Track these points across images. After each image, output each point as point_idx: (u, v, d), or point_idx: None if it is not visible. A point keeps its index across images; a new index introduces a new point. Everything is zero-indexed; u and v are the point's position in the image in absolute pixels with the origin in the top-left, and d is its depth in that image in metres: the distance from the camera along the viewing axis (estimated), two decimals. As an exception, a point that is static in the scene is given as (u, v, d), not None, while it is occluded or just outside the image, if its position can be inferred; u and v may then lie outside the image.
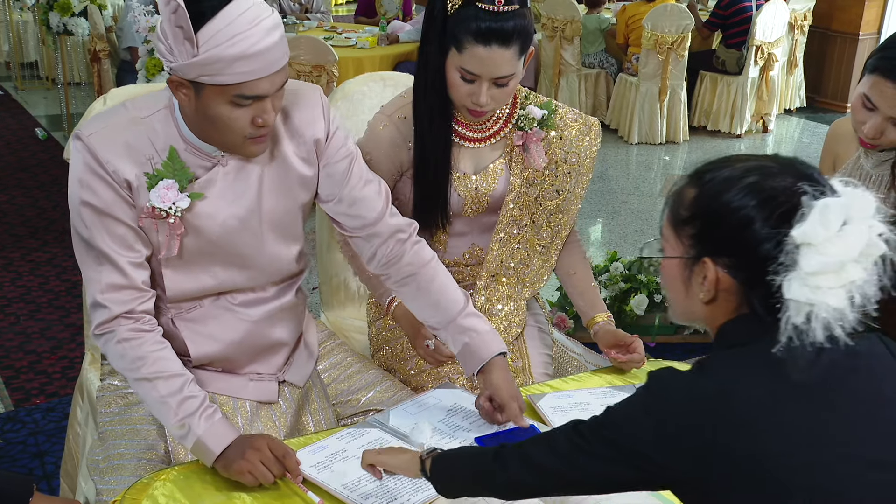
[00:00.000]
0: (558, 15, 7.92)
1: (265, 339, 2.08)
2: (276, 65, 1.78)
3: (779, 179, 1.34)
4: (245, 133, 1.83)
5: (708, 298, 1.40)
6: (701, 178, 1.42)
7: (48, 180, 6.36)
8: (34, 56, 9.28)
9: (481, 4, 2.01)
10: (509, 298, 2.37)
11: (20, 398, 3.66)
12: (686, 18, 7.35)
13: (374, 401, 2.21)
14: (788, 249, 1.28)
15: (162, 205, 1.85)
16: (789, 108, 8.60)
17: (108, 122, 1.87)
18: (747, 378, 1.31)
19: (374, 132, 2.27)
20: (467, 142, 2.28)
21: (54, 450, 3.28)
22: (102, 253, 1.88)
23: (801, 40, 8.29)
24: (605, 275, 4.20)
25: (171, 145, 1.88)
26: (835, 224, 1.26)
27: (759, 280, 1.32)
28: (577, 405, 2.03)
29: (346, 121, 2.72)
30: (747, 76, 7.70)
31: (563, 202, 2.34)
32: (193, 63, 1.72)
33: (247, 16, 1.73)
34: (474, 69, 2.06)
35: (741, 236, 1.33)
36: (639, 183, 6.87)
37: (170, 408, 1.84)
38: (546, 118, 2.27)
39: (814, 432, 1.29)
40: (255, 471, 1.74)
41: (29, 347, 4.07)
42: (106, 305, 1.88)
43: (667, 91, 7.57)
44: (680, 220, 1.44)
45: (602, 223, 6.09)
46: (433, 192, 2.26)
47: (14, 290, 4.67)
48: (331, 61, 5.67)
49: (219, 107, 1.79)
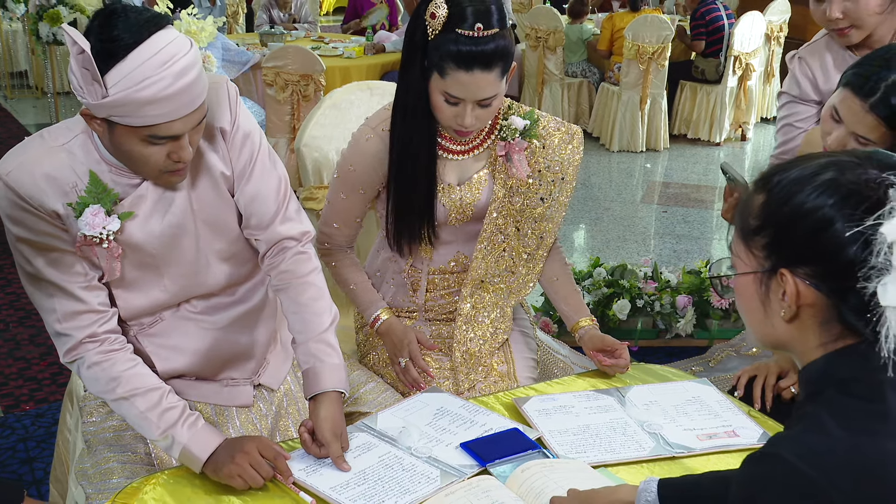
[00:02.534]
0: (541, 25, 7.95)
1: (234, 345, 2.06)
2: (190, 106, 1.70)
3: (859, 172, 1.18)
4: (160, 167, 1.77)
5: (789, 316, 1.24)
6: (769, 182, 1.26)
7: (38, 188, 6.30)
8: (24, 65, 9.26)
9: (461, 31, 1.98)
10: (495, 305, 2.37)
11: (10, 404, 3.63)
12: (666, 29, 7.39)
13: (360, 401, 2.20)
14: (880, 249, 1.12)
15: (92, 232, 1.78)
16: (766, 116, 8.65)
17: (24, 158, 1.79)
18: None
19: (358, 144, 2.25)
20: (451, 154, 2.26)
21: (44, 455, 3.25)
22: (51, 283, 1.84)
23: (778, 51, 8.35)
24: (589, 280, 4.21)
25: (91, 170, 1.80)
26: None
27: (850, 289, 1.17)
28: (562, 408, 2.03)
29: (333, 129, 2.72)
30: (726, 85, 7.74)
31: (548, 210, 2.33)
32: (103, 104, 1.65)
33: (159, 57, 1.64)
34: (458, 93, 2.04)
35: (821, 240, 1.18)
36: (620, 190, 6.89)
37: (151, 422, 1.82)
38: (528, 128, 2.25)
39: None
40: (244, 474, 1.72)
41: (18, 354, 4.05)
42: (67, 334, 1.86)
43: (647, 100, 7.60)
44: (750, 231, 1.28)
45: (585, 229, 6.10)
46: (419, 207, 2.23)
47: (3, 297, 4.65)
48: (318, 71, 5.67)
49: (132, 144, 1.72)
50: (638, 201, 6.62)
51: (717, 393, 2.12)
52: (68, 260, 1.83)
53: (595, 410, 2.02)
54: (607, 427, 1.96)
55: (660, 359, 3.96)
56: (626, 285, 4.15)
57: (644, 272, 4.29)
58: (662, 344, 4.20)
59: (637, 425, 1.97)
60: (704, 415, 2.02)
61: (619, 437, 1.93)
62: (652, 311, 4.15)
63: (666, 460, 1.88)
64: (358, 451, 1.85)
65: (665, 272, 4.32)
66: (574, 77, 8.20)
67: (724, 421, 1.99)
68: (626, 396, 2.09)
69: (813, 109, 2.78)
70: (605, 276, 4.22)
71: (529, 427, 1.95)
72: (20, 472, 3.18)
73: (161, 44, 1.65)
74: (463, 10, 1.99)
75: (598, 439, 1.91)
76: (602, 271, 4.24)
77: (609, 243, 5.74)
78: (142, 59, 1.63)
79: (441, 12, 1.99)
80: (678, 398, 2.09)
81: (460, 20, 1.99)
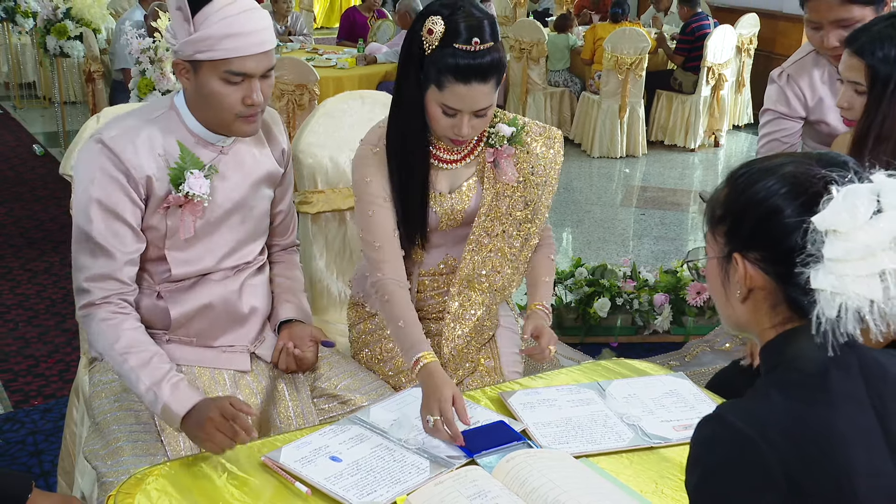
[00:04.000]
0: (525, 37, 7.96)
1: (239, 307, 2.17)
2: (261, 46, 1.95)
3: (808, 168, 1.22)
4: (235, 111, 1.98)
5: (742, 297, 1.29)
6: (733, 175, 1.32)
7: (45, 194, 6.30)
8: (32, 77, 9.22)
9: (459, 45, 1.98)
10: (481, 304, 2.36)
11: (19, 399, 3.62)
12: (643, 41, 7.41)
13: (351, 387, 2.21)
14: (813, 237, 1.16)
15: (199, 191, 2.01)
16: (738, 124, 8.67)
17: (124, 125, 2.01)
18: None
19: (368, 157, 2.20)
20: (443, 163, 2.25)
21: (51, 449, 3.24)
22: (101, 246, 1.98)
23: (748, 62, 8.38)
24: (570, 279, 4.21)
25: (179, 140, 2.03)
26: (863, 210, 1.14)
27: (792, 274, 1.20)
28: (545, 402, 2.03)
29: (327, 137, 2.72)
30: (700, 95, 7.76)
31: (532, 213, 2.33)
32: (189, 41, 1.91)
33: (239, 4, 1.93)
34: (456, 105, 2.04)
35: (768, 227, 1.23)
36: (601, 194, 6.90)
37: (139, 378, 1.92)
38: (515, 135, 2.25)
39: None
40: (213, 439, 1.78)
41: (27, 352, 4.03)
42: (90, 290, 2.00)
43: (626, 108, 7.62)
44: (715, 220, 1.33)
45: (567, 231, 6.10)
46: (413, 216, 2.22)
47: (13, 297, 4.62)
48: (312, 81, 5.66)
49: (212, 83, 1.95)
50: (617, 204, 6.62)
51: (693, 386, 2.13)
52: (125, 232, 1.99)
53: (577, 403, 2.02)
54: (588, 419, 1.96)
55: (638, 354, 3.98)
56: (607, 284, 4.16)
57: (623, 272, 4.29)
58: (641, 340, 4.20)
59: (617, 417, 1.97)
60: (681, 407, 2.03)
61: (600, 428, 1.93)
62: (631, 309, 4.16)
63: (644, 450, 1.88)
64: (351, 442, 1.85)
65: (643, 272, 4.33)
66: (556, 86, 8.20)
67: (699, 412, 1.97)
68: (607, 390, 2.10)
69: (798, 125, 2.78)
70: (586, 276, 4.22)
71: (515, 420, 1.95)
72: (29, 464, 3.18)
73: None
74: (459, 26, 1.99)
75: (579, 431, 1.91)
76: (583, 271, 4.25)
77: (590, 244, 5.75)
78: (223, 3, 1.92)
79: (438, 28, 1.99)
80: (656, 391, 2.10)
81: (457, 35, 1.98)
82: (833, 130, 2.73)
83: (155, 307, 2.10)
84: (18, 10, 7.58)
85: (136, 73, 4.45)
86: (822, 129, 2.76)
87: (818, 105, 2.73)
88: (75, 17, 6.46)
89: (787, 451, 1.16)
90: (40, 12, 6.64)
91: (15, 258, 5.13)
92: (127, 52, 4.53)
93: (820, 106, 2.73)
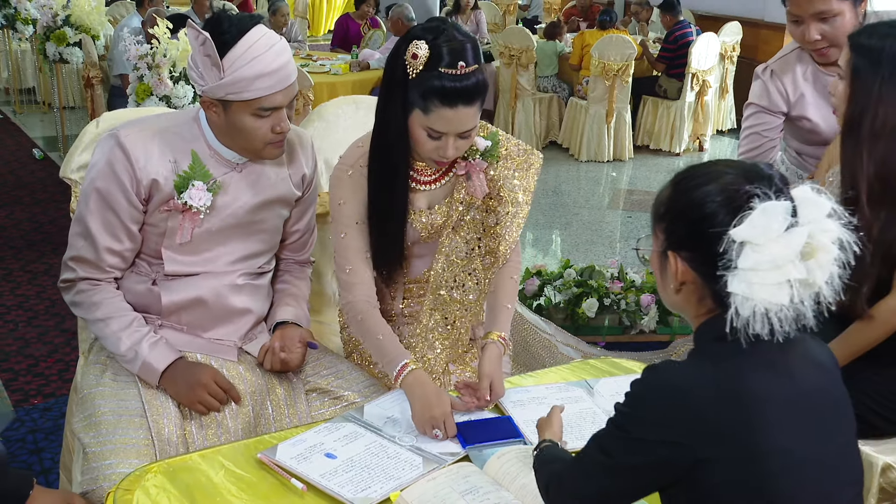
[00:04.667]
0: (514, 44, 7.96)
1: (227, 303, 2.17)
2: (288, 80, 1.98)
3: (738, 181, 1.31)
4: (266, 140, 2.03)
5: (676, 289, 1.40)
6: (677, 177, 1.42)
7: (45, 197, 6.27)
8: (32, 82, 9.18)
9: (444, 69, 1.93)
10: (454, 326, 2.30)
11: (19, 399, 3.60)
12: (630, 48, 7.43)
13: (343, 386, 2.19)
14: (733, 247, 1.26)
15: (197, 203, 2.03)
16: (721, 129, 8.69)
17: (140, 126, 2.05)
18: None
19: (343, 180, 2.17)
20: (422, 185, 2.20)
21: (51, 447, 3.23)
22: (88, 232, 2.04)
23: (731, 69, 8.40)
24: (560, 280, 4.22)
25: (193, 150, 2.05)
26: (776, 225, 1.24)
27: (714, 275, 1.30)
28: (535, 399, 2.04)
29: (321, 140, 2.71)
30: (685, 100, 7.78)
31: (501, 229, 2.24)
32: (221, 84, 1.93)
33: (262, 42, 1.94)
34: (442, 128, 1.99)
35: (699, 231, 1.32)
36: (588, 197, 6.90)
37: (120, 339, 2.03)
38: (489, 149, 2.18)
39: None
40: (204, 402, 2.00)
41: (27, 351, 4.02)
42: (72, 269, 2.09)
43: (613, 113, 7.63)
44: (658, 217, 1.43)
45: (556, 234, 6.11)
46: (393, 235, 2.18)
47: (13, 298, 4.61)
48: (307, 86, 5.66)
49: (244, 120, 1.99)
50: (605, 207, 6.63)
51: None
52: (116, 225, 2.04)
53: (565, 401, 2.00)
54: (577, 416, 1.96)
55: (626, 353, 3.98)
56: (595, 285, 4.16)
57: (611, 273, 4.30)
58: (628, 339, 4.21)
59: (605, 414, 1.96)
60: None
61: (589, 425, 1.93)
62: (618, 309, 4.16)
63: None
64: (345, 440, 1.84)
65: (630, 273, 4.34)
66: (545, 92, 8.21)
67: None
68: (595, 388, 2.10)
69: (779, 120, 2.79)
70: (574, 277, 4.23)
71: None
72: (30, 461, 3.16)
73: (260, 33, 1.96)
74: (443, 50, 1.94)
75: (569, 428, 1.90)
76: (572, 272, 4.25)
77: (578, 246, 5.75)
78: (249, 44, 1.93)
79: (422, 52, 1.93)
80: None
81: (441, 59, 1.94)
82: (814, 127, 2.74)
83: (149, 292, 2.12)
84: (19, 17, 7.55)
85: (133, 79, 4.44)
86: (804, 126, 2.77)
87: (800, 101, 2.74)
88: (74, 23, 6.43)
89: (712, 397, 1.28)
90: (40, 19, 6.61)
91: (15, 260, 5.11)
92: (125, 58, 4.52)
93: (801, 102, 2.74)
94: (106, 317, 2.06)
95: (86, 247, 2.06)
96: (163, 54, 4.28)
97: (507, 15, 11.81)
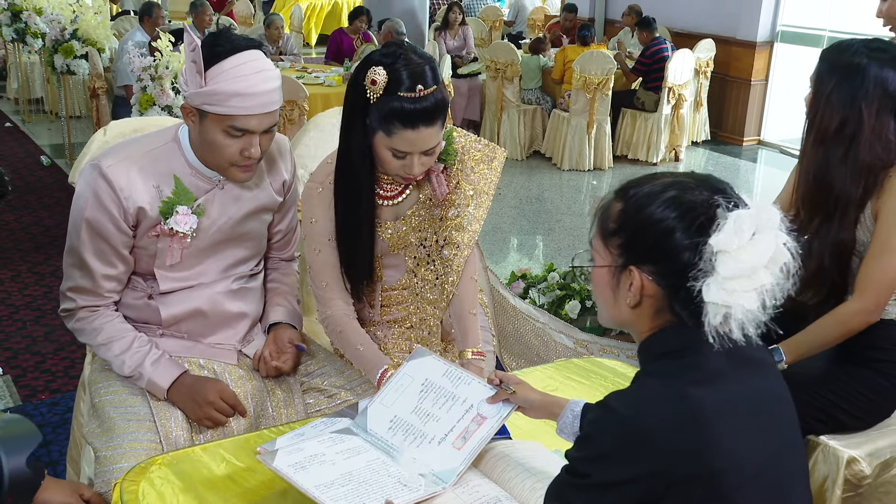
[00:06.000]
0: (500, 58, 7.97)
1: (224, 308, 2.15)
2: (267, 108, 1.89)
3: (696, 193, 1.30)
4: (232, 160, 1.94)
5: (634, 303, 1.35)
6: (626, 193, 1.38)
7: (52, 202, 6.25)
8: (40, 93, 9.13)
9: (402, 93, 1.89)
10: (433, 316, 2.28)
11: (27, 394, 3.59)
12: (609, 63, 7.46)
13: (337, 384, 2.18)
14: (707, 257, 1.24)
15: (183, 228, 1.98)
16: (696, 140, 8.72)
17: (123, 156, 1.97)
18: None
19: (313, 198, 2.13)
20: (387, 200, 2.17)
21: (59, 440, 3.22)
22: (83, 262, 2.00)
23: (705, 84, 8.43)
24: (543, 283, 4.22)
25: (175, 174, 1.99)
26: (747, 233, 1.23)
27: (681, 286, 1.28)
28: (313, 458, 1.69)
29: (316, 148, 2.71)
30: (661, 113, 7.81)
31: (464, 221, 2.20)
32: (199, 92, 1.86)
33: (251, 65, 1.86)
34: (405, 148, 1.95)
35: (663, 246, 1.29)
36: (570, 204, 6.92)
37: (123, 362, 2.01)
38: (444, 149, 2.13)
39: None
40: (211, 418, 1.98)
41: (35, 349, 4.00)
42: (72, 298, 2.05)
43: (594, 125, 7.65)
44: (608, 232, 1.39)
45: (539, 239, 6.12)
46: (363, 251, 2.15)
47: (21, 298, 4.59)
48: (302, 97, 5.65)
49: (215, 134, 1.90)
50: (586, 214, 6.64)
51: (440, 363, 1.86)
52: (110, 253, 2.00)
53: (347, 454, 1.71)
54: (368, 470, 1.66)
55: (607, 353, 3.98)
56: (577, 288, 4.17)
57: (591, 276, 4.30)
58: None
59: (388, 458, 1.71)
60: (444, 404, 1.78)
61: (385, 478, 1.65)
62: (598, 311, 4.16)
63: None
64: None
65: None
66: (529, 104, 8.22)
67: (464, 402, 1.77)
68: (366, 423, 1.79)
69: None
70: (557, 280, 4.23)
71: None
72: (38, 453, 3.12)
73: (254, 56, 1.89)
74: (401, 75, 1.89)
75: (367, 486, 1.62)
76: (555, 276, 4.26)
77: (561, 251, 5.77)
78: (237, 63, 1.86)
79: (381, 78, 1.89)
80: (411, 400, 1.81)
81: (400, 84, 1.89)
82: None
83: (147, 306, 2.10)
84: (29, 31, 7.53)
85: (137, 90, 4.44)
86: None
87: None
88: (81, 37, 6.42)
89: (658, 427, 1.24)
90: (49, 33, 6.59)
91: (23, 261, 5.09)
92: (129, 69, 4.52)
93: None
94: (107, 341, 2.04)
95: (83, 276, 2.02)
96: (165, 66, 4.28)
97: (494, 30, 11.81)
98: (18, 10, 7.64)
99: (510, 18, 12.31)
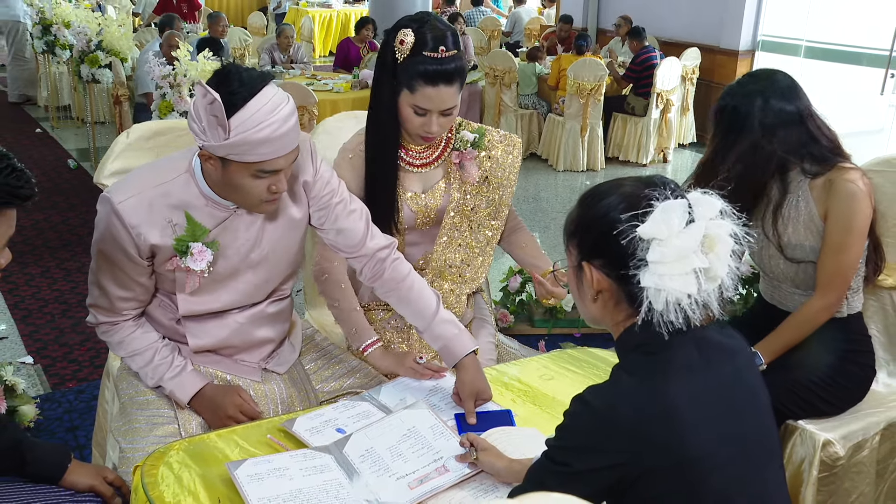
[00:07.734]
0: (498, 65, 7.97)
1: (252, 336, 2.07)
2: (291, 145, 1.75)
3: (637, 189, 1.31)
4: (262, 198, 1.81)
5: (593, 297, 1.37)
6: (583, 197, 1.40)
7: (78, 202, 6.25)
8: (67, 100, 9.14)
9: (427, 53, 2.02)
10: (451, 293, 2.36)
11: (56, 382, 3.60)
12: (601, 70, 7.44)
13: (356, 385, 2.17)
14: (641, 245, 1.26)
15: (199, 266, 1.85)
16: (683, 142, 8.70)
17: (134, 191, 1.82)
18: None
19: (344, 162, 2.25)
20: (415, 167, 2.26)
21: (85, 425, 3.23)
22: (101, 284, 1.93)
23: (691, 89, 8.41)
24: (538, 277, 4.21)
25: (186, 211, 1.84)
26: (677, 221, 1.24)
27: (626, 276, 1.29)
28: (276, 471, 1.64)
29: (326, 151, 2.70)
30: (650, 117, 7.79)
31: (494, 210, 2.35)
32: (224, 144, 1.69)
33: (269, 106, 1.69)
34: (426, 105, 2.07)
35: (608, 239, 1.30)
36: (565, 203, 6.91)
37: (146, 374, 1.98)
38: (477, 140, 2.29)
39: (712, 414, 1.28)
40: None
41: (62, 340, 4.01)
42: (93, 314, 2.00)
43: (587, 128, 7.63)
44: (569, 235, 1.42)
45: (536, 236, 6.06)
46: (385, 207, 2.23)
47: (50, 292, 4.59)
48: (311, 103, 5.65)
49: (242, 179, 1.76)
50: (579, 212, 6.62)
51: (432, 418, 1.84)
52: (126, 280, 1.91)
53: (309, 472, 1.65)
54: (320, 490, 1.60)
55: (599, 343, 3.99)
56: (570, 281, 4.16)
57: (584, 270, 4.29)
58: (601, 331, 4.21)
59: (349, 484, 1.65)
60: (418, 450, 1.75)
61: (332, 500, 1.58)
62: (590, 303, 4.15)
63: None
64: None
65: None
66: (526, 109, 8.21)
67: (436, 454, 1.73)
68: (345, 452, 1.73)
69: None
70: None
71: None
72: (65, 438, 3.16)
73: (269, 95, 1.70)
74: (426, 37, 2.02)
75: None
76: (549, 270, 4.25)
77: (556, 248, 5.75)
78: (256, 108, 1.68)
79: (409, 39, 2.03)
80: (394, 435, 1.78)
81: (425, 44, 2.02)
82: None
83: (175, 331, 2.02)
84: (57, 43, 7.55)
85: (157, 97, 4.44)
86: None
87: None
88: (106, 48, 6.42)
89: (632, 421, 1.24)
90: (76, 44, 6.60)
91: (52, 258, 5.10)
92: (150, 78, 4.52)
93: None
94: (130, 354, 1.99)
95: (101, 296, 1.94)
96: (183, 74, 4.27)
97: (492, 39, 11.79)
98: (49, 23, 7.68)
99: (508, 29, 12.28)
